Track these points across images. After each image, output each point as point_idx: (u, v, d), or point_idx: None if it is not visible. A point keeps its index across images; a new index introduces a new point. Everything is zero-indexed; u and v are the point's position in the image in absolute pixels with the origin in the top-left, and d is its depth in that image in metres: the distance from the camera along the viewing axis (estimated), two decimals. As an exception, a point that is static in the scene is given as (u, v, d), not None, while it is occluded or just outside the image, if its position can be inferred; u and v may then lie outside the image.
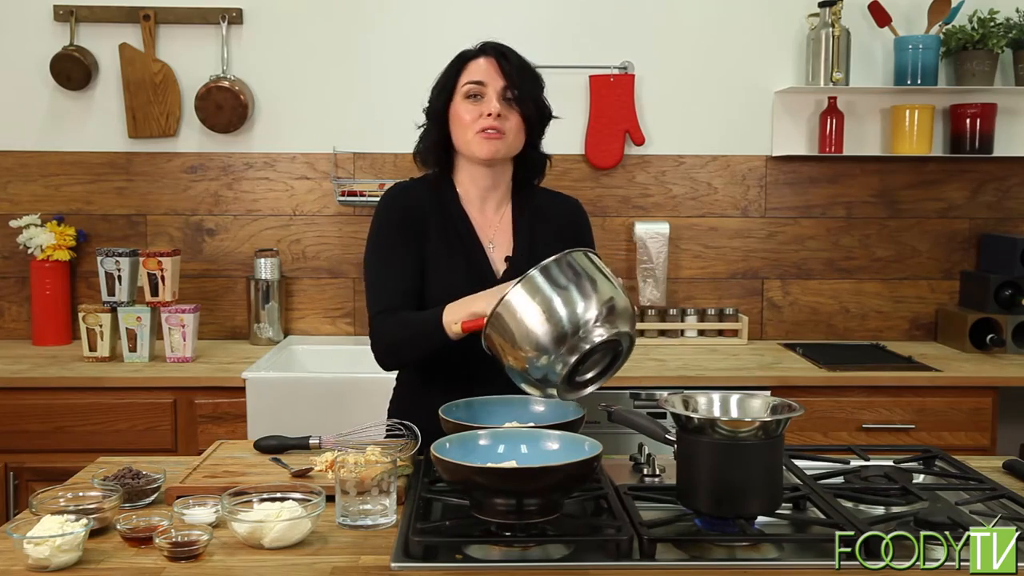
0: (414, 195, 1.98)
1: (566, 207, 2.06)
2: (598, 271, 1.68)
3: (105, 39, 3.32)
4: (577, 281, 1.63)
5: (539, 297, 1.60)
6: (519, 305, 1.61)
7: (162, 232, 3.40)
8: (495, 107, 1.87)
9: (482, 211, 1.98)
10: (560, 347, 1.59)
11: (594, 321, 1.60)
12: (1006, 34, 3.27)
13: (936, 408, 2.91)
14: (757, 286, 3.50)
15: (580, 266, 1.65)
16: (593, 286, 1.63)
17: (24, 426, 2.81)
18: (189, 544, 1.38)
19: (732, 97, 3.42)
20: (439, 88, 1.95)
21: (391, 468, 1.53)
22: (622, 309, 1.64)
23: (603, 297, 1.63)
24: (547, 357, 1.60)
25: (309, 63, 3.37)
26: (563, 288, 1.61)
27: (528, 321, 1.60)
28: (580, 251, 1.68)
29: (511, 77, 1.89)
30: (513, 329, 1.61)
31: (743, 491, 1.44)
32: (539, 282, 1.61)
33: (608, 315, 1.62)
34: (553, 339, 1.59)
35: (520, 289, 1.61)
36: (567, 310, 1.60)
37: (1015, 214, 3.49)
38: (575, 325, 1.59)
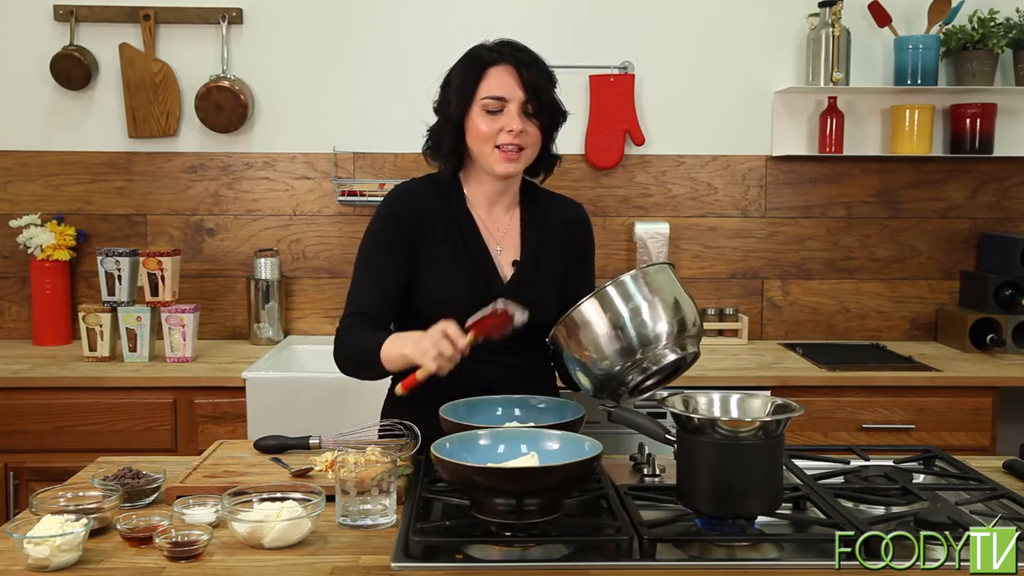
0: (417, 198, 1.95)
1: (571, 211, 2.06)
2: (674, 286, 1.70)
3: (105, 39, 3.32)
4: (651, 299, 1.65)
5: (610, 313, 1.63)
6: (591, 318, 1.64)
7: (162, 232, 3.40)
8: (516, 124, 1.83)
9: (490, 214, 1.96)
10: (627, 361, 1.63)
11: (664, 342, 1.64)
12: (1006, 34, 3.27)
13: (936, 408, 2.91)
14: (757, 286, 3.50)
15: (656, 283, 1.67)
16: (665, 305, 1.66)
17: (24, 426, 2.81)
18: (189, 544, 1.38)
19: (732, 97, 3.42)
20: (456, 94, 1.88)
21: (391, 468, 1.53)
22: (691, 327, 1.68)
23: (674, 316, 1.66)
24: (613, 370, 1.64)
25: (309, 63, 3.37)
26: (636, 305, 1.64)
27: (598, 336, 1.64)
28: (657, 265, 1.70)
29: (531, 88, 1.85)
30: (583, 341, 1.65)
31: (743, 491, 1.44)
32: (612, 298, 1.64)
33: (677, 334, 1.65)
34: (621, 355, 1.63)
35: (592, 303, 1.64)
36: (636, 330, 1.63)
37: (1015, 214, 3.49)
38: (644, 344, 1.63)
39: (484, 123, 1.85)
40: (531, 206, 2.00)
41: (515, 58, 1.87)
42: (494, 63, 1.87)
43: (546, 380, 2.00)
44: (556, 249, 1.97)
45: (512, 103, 1.84)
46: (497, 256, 1.93)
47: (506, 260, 1.93)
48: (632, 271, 1.67)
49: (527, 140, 1.86)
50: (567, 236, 1.99)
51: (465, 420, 1.66)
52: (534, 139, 1.88)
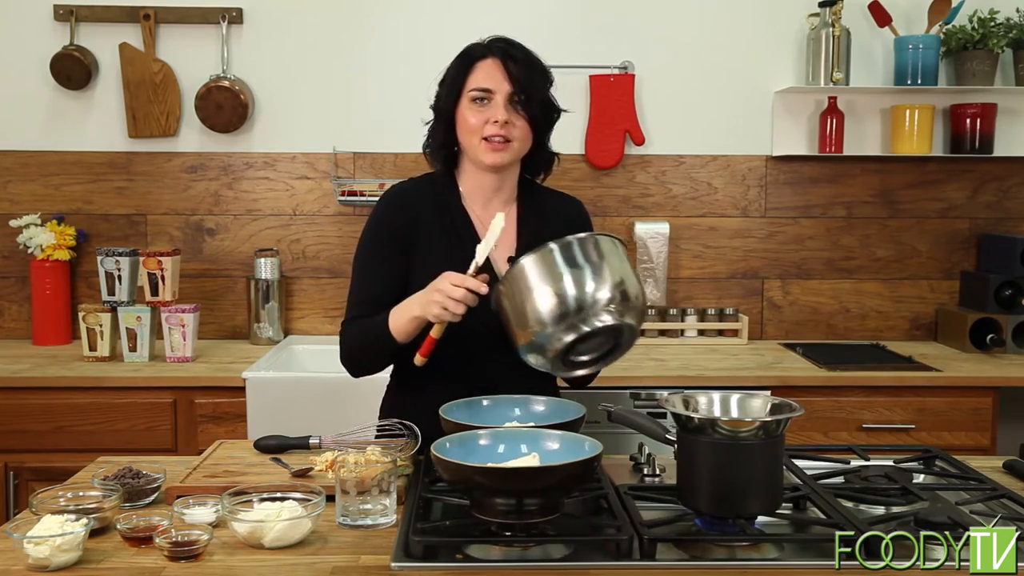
0: (411, 198, 1.96)
1: (570, 208, 2.06)
2: (619, 258, 1.67)
3: (105, 39, 3.32)
4: (595, 263, 1.63)
5: (552, 270, 1.62)
6: (531, 274, 1.62)
7: (162, 232, 3.40)
8: (501, 115, 1.85)
9: (486, 210, 1.96)
10: (561, 323, 1.61)
11: (602, 304, 1.61)
12: (1006, 34, 3.27)
13: (936, 408, 2.91)
14: (757, 286, 3.50)
15: (602, 250, 1.65)
16: (610, 271, 1.64)
17: (24, 426, 2.81)
18: (189, 544, 1.38)
19: (732, 97, 3.42)
20: (446, 87, 1.92)
21: (391, 468, 1.53)
22: (633, 300, 1.65)
23: (616, 283, 1.63)
24: (547, 329, 1.61)
25: (309, 63, 3.37)
26: (578, 267, 1.62)
27: (536, 291, 1.62)
28: (608, 236, 1.68)
29: (518, 80, 1.86)
30: (521, 297, 1.63)
31: (743, 491, 1.44)
32: (556, 256, 1.62)
33: (618, 302, 1.62)
34: (556, 314, 1.60)
35: (534, 258, 1.62)
36: (576, 289, 1.61)
37: (1015, 214, 3.49)
38: (580, 304, 1.61)
39: (471, 114, 1.87)
40: (528, 203, 2.00)
41: (504, 51, 1.89)
42: (483, 57, 1.90)
43: (546, 379, 2.00)
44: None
45: (498, 95, 1.86)
46: (493, 252, 1.93)
47: (502, 256, 1.93)
48: (581, 234, 1.65)
49: (513, 132, 1.87)
50: (566, 233, 1.98)
51: (465, 420, 1.66)
52: (521, 132, 1.89)
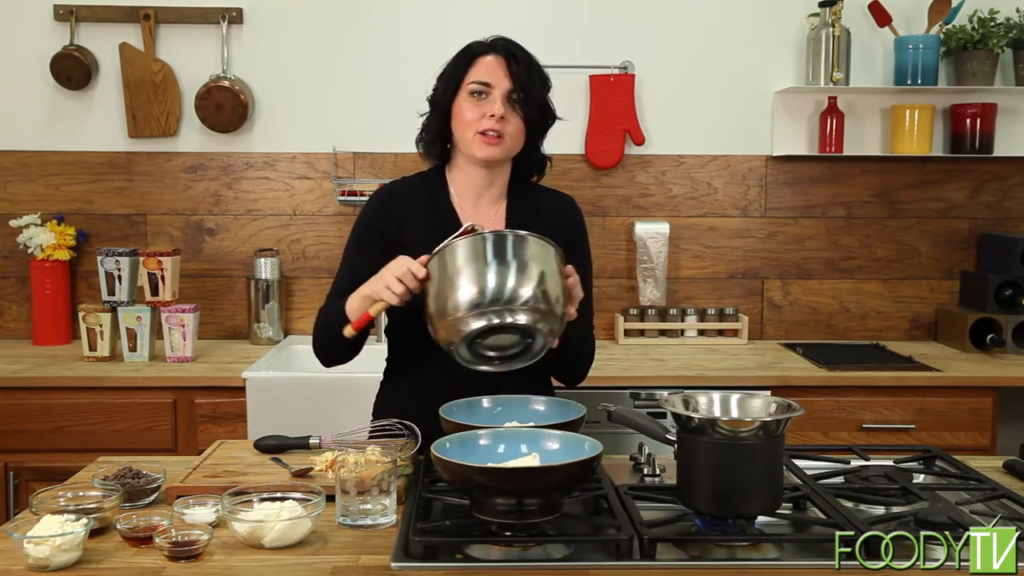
0: (400, 197, 1.98)
1: (560, 204, 2.05)
2: (550, 264, 1.65)
3: (105, 39, 3.32)
4: (524, 262, 1.61)
5: (480, 257, 1.60)
6: (459, 257, 1.61)
7: (162, 232, 3.40)
8: (498, 109, 1.86)
9: (476, 207, 1.97)
10: (474, 310, 1.59)
11: (519, 303, 1.59)
12: (1006, 34, 3.27)
13: (936, 408, 2.91)
14: (757, 286, 3.50)
15: (534, 251, 1.63)
16: (536, 273, 1.62)
17: (24, 426, 2.81)
18: (189, 544, 1.38)
19: (732, 97, 3.42)
20: (445, 80, 1.93)
21: (391, 468, 1.53)
22: (551, 306, 1.62)
23: (537, 286, 1.61)
24: (459, 312, 1.60)
25: (309, 63, 3.37)
26: (506, 261, 1.61)
27: (458, 275, 1.61)
28: (545, 240, 1.66)
29: (519, 79, 1.87)
30: (444, 276, 1.62)
31: (743, 491, 1.44)
32: (488, 245, 1.61)
33: (535, 305, 1.60)
34: (473, 301, 1.59)
35: (466, 242, 1.61)
36: (497, 280, 1.59)
37: (1015, 214, 3.49)
38: (497, 296, 1.59)
39: (468, 108, 1.88)
40: (519, 199, 2.00)
41: (506, 49, 1.90)
42: (484, 53, 1.91)
43: (540, 378, 2.01)
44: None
45: (497, 90, 1.87)
46: None
47: None
48: (520, 231, 1.64)
49: (508, 128, 1.87)
50: (555, 228, 1.96)
51: (465, 420, 1.66)
52: (516, 129, 1.89)
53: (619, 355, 3.18)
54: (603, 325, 3.47)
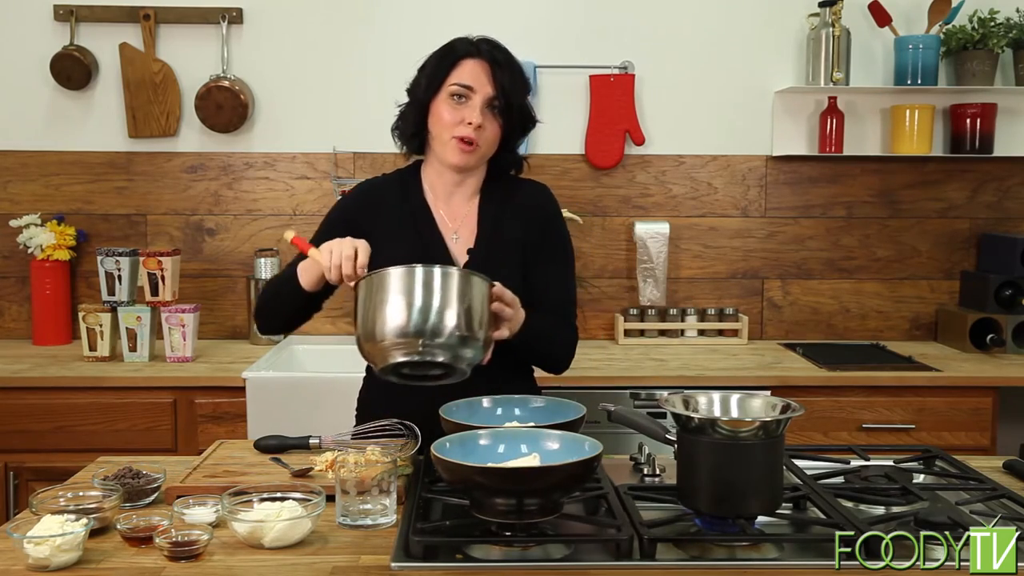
0: (376, 192, 1.99)
1: (533, 192, 2.03)
2: (478, 302, 1.64)
3: (105, 39, 3.32)
4: (447, 298, 1.61)
5: (409, 290, 1.60)
6: (389, 285, 1.61)
7: (162, 232, 3.40)
8: (476, 117, 1.85)
9: (449, 204, 1.98)
10: (398, 342, 1.59)
11: (436, 342, 1.59)
12: (1006, 34, 3.27)
13: (936, 408, 2.91)
14: (757, 286, 3.50)
15: (457, 288, 1.62)
16: (458, 311, 1.61)
17: (24, 426, 2.81)
18: (189, 544, 1.38)
19: (732, 97, 3.42)
20: (427, 77, 1.92)
21: (391, 468, 1.53)
22: (471, 337, 1.63)
23: (455, 324, 1.60)
24: (384, 342, 1.60)
25: (309, 63, 3.37)
26: (432, 295, 1.60)
27: (385, 304, 1.60)
28: (478, 276, 1.66)
29: (501, 86, 1.86)
30: (372, 303, 1.62)
31: (743, 491, 1.44)
32: (417, 277, 1.61)
33: (446, 344, 1.60)
34: (396, 334, 1.59)
35: (399, 272, 1.61)
36: (420, 317, 1.59)
37: (1015, 214, 3.49)
38: (419, 334, 1.59)
39: (448, 110, 1.87)
40: (491, 194, 1.99)
41: (491, 55, 1.89)
42: (469, 55, 1.90)
43: (520, 371, 2.01)
44: (515, 235, 1.96)
45: (478, 95, 1.86)
46: (453, 245, 1.95)
47: (462, 248, 1.94)
48: (449, 267, 1.64)
49: (483, 136, 1.87)
50: (528, 220, 1.98)
51: (465, 420, 1.65)
52: (492, 136, 1.89)
53: (619, 355, 3.18)
54: (603, 325, 3.47)
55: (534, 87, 3.34)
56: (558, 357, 2.00)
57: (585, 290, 3.43)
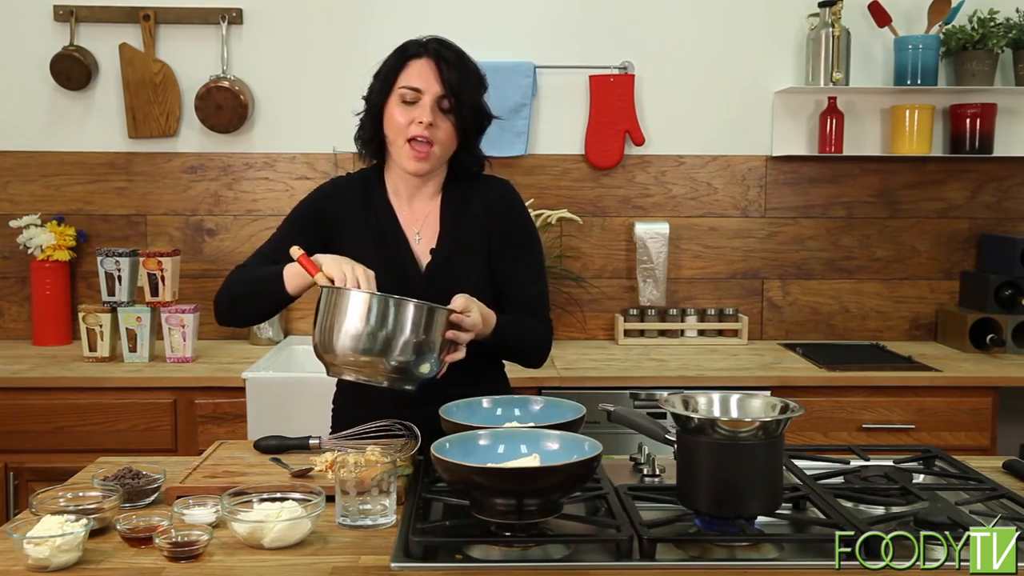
0: (340, 192, 1.99)
1: (494, 191, 2.02)
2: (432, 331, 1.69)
3: (105, 39, 3.32)
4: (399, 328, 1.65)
5: (364, 317, 1.65)
6: (350, 307, 1.66)
7: (162, 232, 3.40)
8: (427, 116, 1.85)
9: (411, 204, 1.98)
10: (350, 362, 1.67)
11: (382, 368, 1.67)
12: (1006, 34, 3.27)
13: (936, 408, 2.91)
14: (757, 286, 3.50)
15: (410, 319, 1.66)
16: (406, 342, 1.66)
17: (24, 426, 2.81)
18: (189, 544, 1.38)
19: (732, 97, 3.42)
20: (379, 82, 1.93)
21: (391, 468, 1.53)
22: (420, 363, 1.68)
23: (401, 353, 1.66)
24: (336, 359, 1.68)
25: (309, 63, 3.37)
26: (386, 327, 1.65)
27: (343, 324, 1.66)
28: (432, 308, 1.69)
29: (449, 84, 1.85)
30: (332, 317, 1.67)
31: (743, 491, 1.44)
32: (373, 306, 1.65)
33: (394, 370, 1.67)
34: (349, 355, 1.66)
35: (355, 296, 1.66)
36: (367, 343, 1.65)
37: (1015, 214, 3.49)
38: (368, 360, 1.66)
39: (399, 113, 1.88)
40: (452, 194, 1.99)
41: (438, 53, 1.89)
42: (417, 56, 1.89)
43: (492, 366, 2.02)
44: (477, 232, 1.96)
45: (427, 96, 1.86)
46: (415, 245, 1.95)
47: (425, 249, 1.95)
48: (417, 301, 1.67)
49: (437, 135, 1.87)
50: (490, 216, 1.97)
51: (465, 420, 1.66)
52: (446, 136, 1.88)
53: (619, 355, 3.18)
54: (603, 325, 3.47)
55: (534, 87, 3.34)
56: (531, 356, 2.00)
57: (585, 290, 3.43)
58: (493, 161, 2.07)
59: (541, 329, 2.00)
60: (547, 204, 3.37)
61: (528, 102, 3.32)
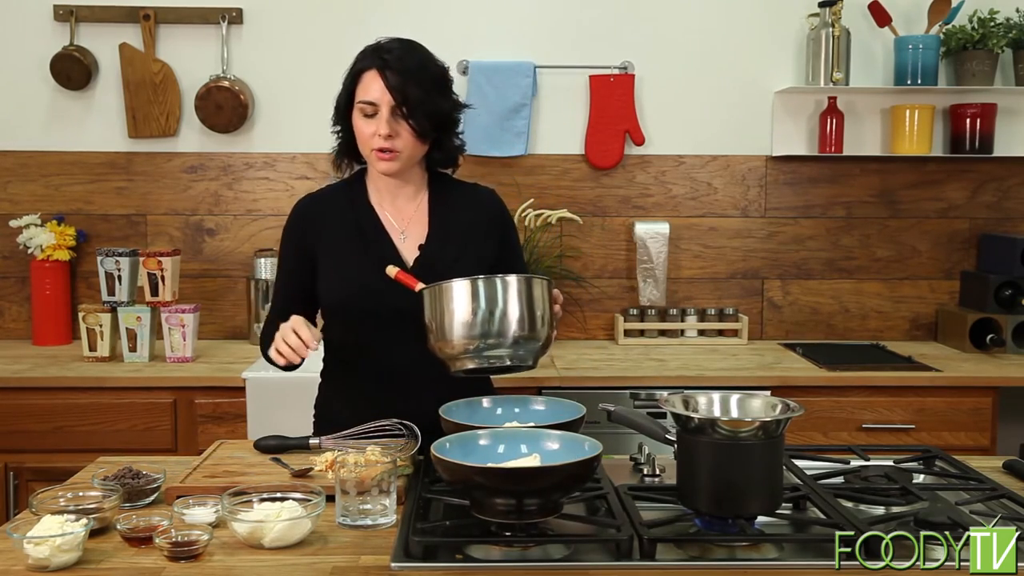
0: (315, 205, 2.02)
1: (483, 197, 2.05)
2: (538, 302, 1.69)
3: (105, 39, 3.32)
4: (507, 303, 1.65)
5: (471, 302, 1.64)
6: (455, 296, 1.65)
7: (162, 232, 3.40)
8: (383, 128, 1.86)
9: (395, 204, 2.00)
10: (466, 351, 1.65)
11: (506, 344, 1.65)
12: (1006, 34, 3.27)
13: (936, 408, 2.91)
14: (757, 286, 3.50)
15: (519, 291, 1.66)
16: (520, 313, 1.66)
17: (24, 426, 2.81)
18: (189, 544, 1.38)
19: (732, 97, 3.42)
20: (343, 96, 1.95)
21: (391, 468, 1.53)
22: (534, 337, 1.67)
23: (518, 327, 1.65)
24: (454, 351, 1.66)
25: (309, 63, 3.37)
26: (495, 304, 1.64)
27: (450, 316, 1.65)
28: (537, 278, 1.70)
29: (398, 92, 1.85)
30: (439, 312, 1.67)
31: (743, 491, 1.44)
32: (480, 287, 1.65)
33: (512, 347, 1.66)
34: (463, 344, 1.64)
35: (462, 284, 1.65)
36: (484, 327, 1.64)
37: (1015, 214, 3.49)
38: (486, 343, 1.64)
39: (363, 125, 1.90)
40: (439, 193, 2.01)
41: (382, 61, 1.88)
42: (367, 68, 1.90)
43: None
44: (468, 233, 1.98)
45: (383, 107, 1.87)
46: (401, 244, 1.96)
47: (411, 247, 1.96)
48: (508, 276, 1.67)
49: (399, 143, 1.88)
50: (481, 222, 2.00)
51: (465, 420, 1.66)
52: (407, 141, 1.89)
53: (619, 355, 3.18)
54: (603, 325, 3.47)
55: (534, 87, 3.34)
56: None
57: (585, 290, 3.43)
58: (493, 161, 2.08)
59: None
60: (547, 204, 3.37)
61: (528, 102, 3.32)
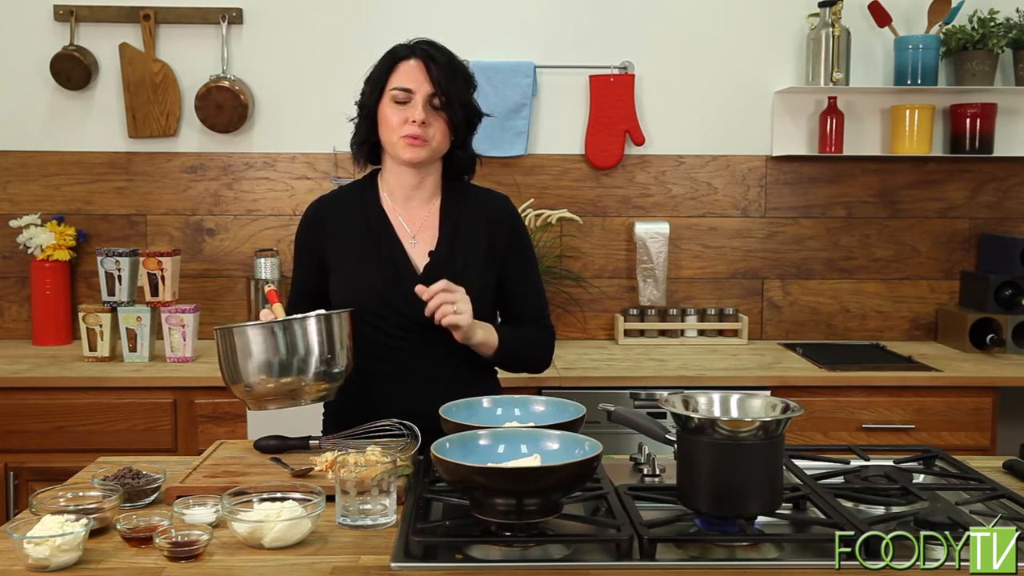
0: (326, 208, 2.03)
1: (495, 204, 2.05)
2: (336, 337, 1.77)
3: (105, 39, 3.32)
4: (307, 346, 1.75)
5: (271, 348, 1.75)
6: (251, 343, 1.77)
7: (162, 232, 3.40)
8: (419, 115, 1.88)
9: (407, 208, 1.99)
10: (269, 396, 1.77)
11: (309, 385, 1.77)
12: (1006, 34, 3.27)
13: (936, 408, 2.91)
14: (757, 286, 3.50)
15: (313, 333, 1.74)
16: (318, 354, 1.75)
17: (24, 426, 2.81)
18: (189, 544, 1.38)
19: (732, 97, 3.42)
20: (371, 85, 1.96)
21: (391, 468, 1.53)
22: (335, 376, 1.79)
23: (316, 366, 1.75)
24: (254, 393, 1.78)
25: (309, 63, 3.37)
26: (295, 351, 1.74)
27: (251, 360, 1.78)
28: (332, 315, 1.76)
29: (438, 83, 1.88)
30: (235, 357, 1.80)
31: (743, 491, 1.44)
32: (278, 335, 1.74)
33: (324, 381, 1.77)
34: (264, 388, 1.77)
35: (253, 330, 1.75)
36: (282, 372, 1.76)
37: (1015, 214, 3.49)
38: (291, 388, 1.76)
39: (392, 113, 1.90)
40: (452, 199, 2.01)
41: (426, 53, 1.92)
42: (406, 57, 1.93)
43: (482, 370, 2.03)
44: (479, 240, 1.98)
45: (418, 95, 1.89)
46: (411, 248, 1.96)
47: (421, 252, 1.96)
48: (300, 316, 1.75)
49: (429, 132, 1.90)
50: (492, 229, 2.00)
51: (465, 420, 1.65)
52: (438, 132, 1.91)
53: (619, 355, 3.18)
54: (603, 325, 3.47)
55: (534, 87, 3.34)
56: (537, 362, 2.07)
57: (585, 290, 3.44)
58: (493, 161, 2.08)
59: (545, 335, 2.07)
60: (547, 204, 3.37)
61: (528, 102, 3.32)
